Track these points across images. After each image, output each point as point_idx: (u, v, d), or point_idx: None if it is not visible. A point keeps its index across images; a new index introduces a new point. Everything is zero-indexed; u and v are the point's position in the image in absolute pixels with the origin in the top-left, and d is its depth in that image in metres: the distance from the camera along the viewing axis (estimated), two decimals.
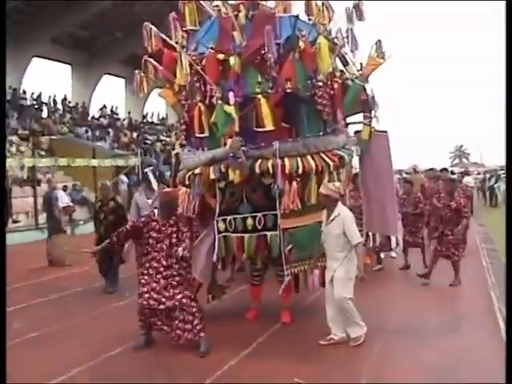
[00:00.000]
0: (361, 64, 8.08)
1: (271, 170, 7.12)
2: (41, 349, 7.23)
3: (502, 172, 33.24)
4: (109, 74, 38.97)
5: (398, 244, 12.77)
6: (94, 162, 25.42)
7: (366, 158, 8.37)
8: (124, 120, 38.62)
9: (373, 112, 8.21)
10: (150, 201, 9.00)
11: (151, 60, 8.01)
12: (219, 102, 7.18)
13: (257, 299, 8.18)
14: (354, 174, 9.10)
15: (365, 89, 7.98)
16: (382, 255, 12.04)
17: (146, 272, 6.84)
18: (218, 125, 7.23)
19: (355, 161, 8.46)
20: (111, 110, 38.32)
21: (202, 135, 7.56)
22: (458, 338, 7.06)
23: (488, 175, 34.70)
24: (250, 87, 7.22)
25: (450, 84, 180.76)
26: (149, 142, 34.86)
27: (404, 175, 20.67)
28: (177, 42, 7.87)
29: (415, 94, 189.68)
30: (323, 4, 7.81)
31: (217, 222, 7.60)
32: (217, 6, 8.06)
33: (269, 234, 7.38)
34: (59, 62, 37.45)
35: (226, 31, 7.49)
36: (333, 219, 6.74)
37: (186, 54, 7.58)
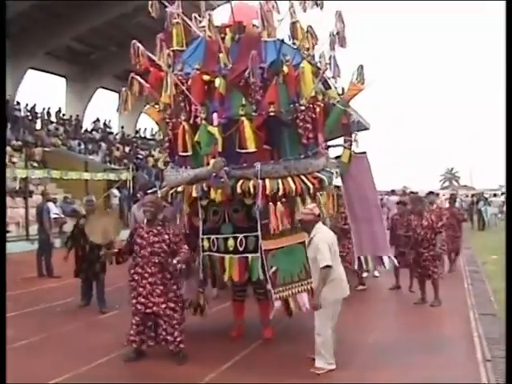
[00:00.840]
0: (342, 89, 8.27)
1: (252, 191, 7.18)
2: (29, 356, 7.41)
3: (487, 196, 33.52)
4: (103, 87, 39.11)
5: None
6: (87, 175, 25.53)
7: (348, 181, 8.56)
8: (117, 134, 38.76)
9: (353, 135, 8.38)
10: None
11: (137, 77, 8.12)
12: (203, 122, 7.27)
13: (239, 316, 8.25)
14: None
15: (346, 113, 8.09)
16: (365, 275, 12.17)
17: (132, 278, 7.06)
18: (202, 144, 7.35)
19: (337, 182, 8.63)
20: (104, 124, 38.49)
21: (185, 154, 7.64)
22: (430, 357, 7.22)
23: (475, 198, 34.81)
24: (234, 109, 7.33)
25: (445, 106, 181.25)
26: (141, 156, 35.01)
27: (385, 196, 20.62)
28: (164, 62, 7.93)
29: (407, 116, 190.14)
30: (307, 31, 7.97)
31: (202, 240, 7.70)
32: (204, 26, 8.05)
33: (250, 256, 7.42)
34: (54, 74, 37.71)
35: (212, 53, 7.60)
36: (309, 242, 6.74)
37: (172, 73, 7.66)
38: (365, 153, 8.49)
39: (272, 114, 7.23)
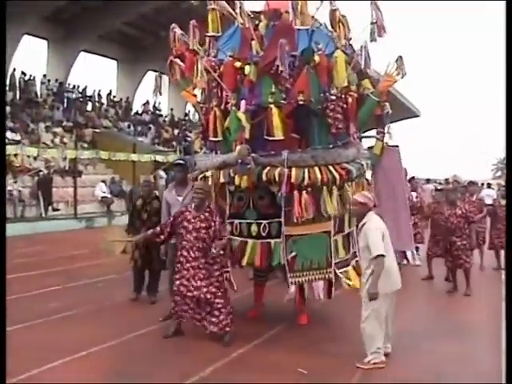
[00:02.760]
0: (378, 80, 8.16)
1: (278, 179, 7.14)
2: (73, 326, 7.86)
3: None
4: (153, 70, 39.49)
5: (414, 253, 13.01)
6: (134, 157, 26.05)
7: (379, 172, 8.51)
8: (166, 116, 39.27)
9: (386, 127, 8.29)
10: (180, 198, 8.28)
11: (177, 60, 8.20)
12: (233, 108, 7.31)
13: (259, 299, 8.44)
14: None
15: (380, 104, 8.02)
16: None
17: (178, 260, 7.19)
18: (231, 130, 7.37)
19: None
20: (154, 106, 38.97)
21: (215, 139, 7.69)
22: (454, 343, 7.33)
23: None
24: (264, 97, 7.30)
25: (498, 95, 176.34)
26: (189, 139, 35.41)
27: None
28: (200, 47, 8.00)
29: (461, 103, 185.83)
30: (339, 20, 7.82)
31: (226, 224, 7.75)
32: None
33: (272, 241, 7.44)
34: (106, 57, 38.40)
35: (246, 40, 7.57)
36: (360, 229, 6.52)
37: (208, 58, 7.75)
38: (397, 146, 8.47)
39: (301, 102, 7.16)
